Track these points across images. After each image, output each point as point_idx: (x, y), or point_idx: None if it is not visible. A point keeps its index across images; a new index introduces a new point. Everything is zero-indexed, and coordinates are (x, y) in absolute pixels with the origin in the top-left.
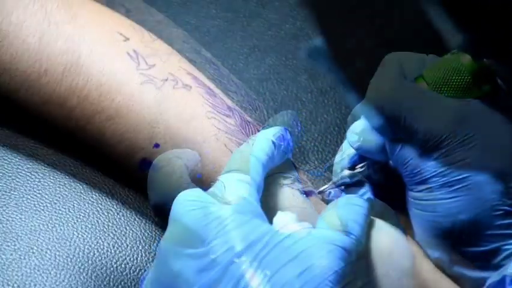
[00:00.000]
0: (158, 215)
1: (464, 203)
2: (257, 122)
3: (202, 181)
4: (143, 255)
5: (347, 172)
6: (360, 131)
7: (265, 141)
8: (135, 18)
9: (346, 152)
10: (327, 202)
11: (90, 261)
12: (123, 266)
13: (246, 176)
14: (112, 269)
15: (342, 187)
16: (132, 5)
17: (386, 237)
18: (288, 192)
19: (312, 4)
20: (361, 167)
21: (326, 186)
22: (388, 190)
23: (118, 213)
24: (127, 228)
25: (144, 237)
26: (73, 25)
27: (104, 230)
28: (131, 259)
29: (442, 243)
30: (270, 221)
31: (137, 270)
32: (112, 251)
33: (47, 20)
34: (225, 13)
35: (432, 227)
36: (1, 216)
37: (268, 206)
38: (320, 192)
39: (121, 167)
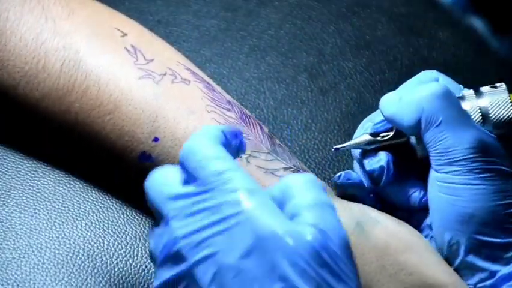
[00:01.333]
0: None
1: (488, 192)
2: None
3: None
4: (143, 252)
5: (366, 137)
6: (398, 100)
7: (215, 128)
8: (135, 18)
9: (375, 118)
10: (337, 186)
11: (90, 259)
12: (123, 263)
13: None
14: (112, 266)
15: (359, 151)
16: (132, 4)
17: (381, 230)
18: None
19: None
20: (382, 137)
21: (344, 144)
22: (402, 168)
23: (117, 211)
24: (127, 226)
25: (144, 235)
26: (70, 21)
27: (104, 228)
28: (132, 256)
29: (461, 228)
30: None
31: (138, 267)
32: (112, 249)
33: (44, 16)
34: (224, 12)
35: (453, 211)
36: (0, 215)
37: None
38: (336, 149)
39: (120, 162)
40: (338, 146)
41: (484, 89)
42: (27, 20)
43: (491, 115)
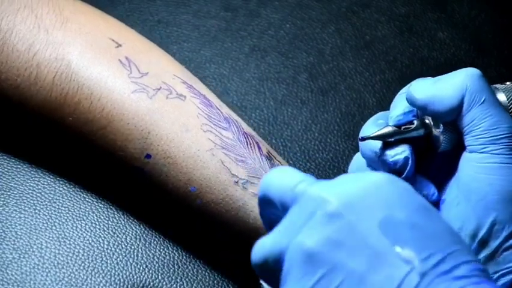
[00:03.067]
0: None
1: None
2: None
3: (197, 194)
4: (143, 253)
5: (390, 129)
6: (434, 83)
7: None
8: (135, 18)
9: (385, 116)
10: None
11: (90, 259)
12: (123, 263)
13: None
14: (112, 266)
15: (380, 144)
16: (132, 4)
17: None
18: None
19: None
20: (405, 129)
21: (370, 135)
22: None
23: (117, 211)
24: (127, 226)
25: (144, 235)
26: (63, 31)
27: (104, 228)
28: (132, 256)
29: (505, 207)
30: None
31: (137, 267)
32: (112, 249)
33: (37, 26)
34: (225, 12)
35: (495, 190)
36: (0, 215)
37: None
38: (362, 139)
39: (114, 175)
40: (365, 136)
41: (498, 85)
42: (19, 30)
43: (510, 109)
